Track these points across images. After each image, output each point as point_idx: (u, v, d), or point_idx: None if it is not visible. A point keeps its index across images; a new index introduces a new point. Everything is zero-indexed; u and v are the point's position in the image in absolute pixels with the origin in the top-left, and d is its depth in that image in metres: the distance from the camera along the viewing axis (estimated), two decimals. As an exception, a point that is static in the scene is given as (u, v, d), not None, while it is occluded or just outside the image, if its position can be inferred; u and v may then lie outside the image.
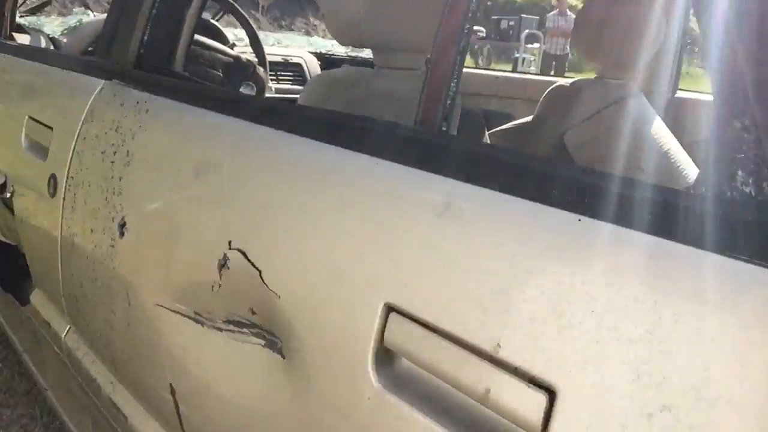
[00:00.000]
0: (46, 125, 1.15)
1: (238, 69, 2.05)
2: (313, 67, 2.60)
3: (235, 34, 3.02)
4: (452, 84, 0.57)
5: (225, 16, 2.56)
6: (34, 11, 2.43)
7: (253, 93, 2.09)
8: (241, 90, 2.01)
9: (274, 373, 0.63)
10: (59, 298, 1.14)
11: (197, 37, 1.94)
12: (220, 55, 1.98)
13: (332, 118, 0.71)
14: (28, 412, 1.63)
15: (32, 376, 1.46)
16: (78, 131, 1.04)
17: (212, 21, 2.29)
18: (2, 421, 1.62)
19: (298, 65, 2.56)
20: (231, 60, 2.00)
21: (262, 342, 0.65)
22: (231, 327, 0.69)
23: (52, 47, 1.95)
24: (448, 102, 0.58)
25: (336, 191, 0.61)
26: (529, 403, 0.42)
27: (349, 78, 1.21)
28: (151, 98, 0.90)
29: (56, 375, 1.28)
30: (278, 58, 2.46)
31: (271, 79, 2.33)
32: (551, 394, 0.41)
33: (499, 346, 0.44)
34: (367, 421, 0.52)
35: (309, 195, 0.63)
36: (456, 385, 0.47)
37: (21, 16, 2.18)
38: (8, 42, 1.66)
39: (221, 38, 2.17)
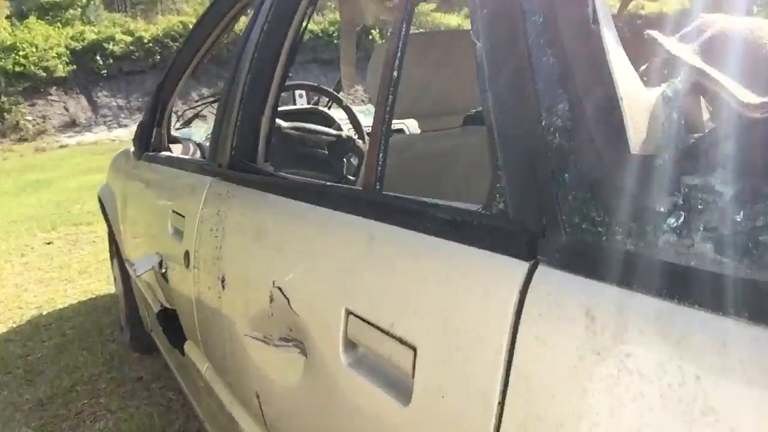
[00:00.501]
0: (180, 215, 1.57)
1: (341, 145, 2.42)
2: (413, 128, 2.91)
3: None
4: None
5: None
6: (185, 124, 3.05)
7: (355, 163, 2.44)
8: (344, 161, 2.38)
9: (304, 367, 0.91)
10: (198, 343, 1.52)
11: (302, 124, 2.36)
12: (323, 136, 2.37)
13: (315, 188, 1.00)
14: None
15: (192, 405, 1.86)
16: (198, 216, 1.43)
17: (321, 108, 2.72)
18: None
19: (401, 130, 2.89)
20: (333, 138, 2.39)
21: (297, 350, 0.94)
22: (281, 343, 0.98)
23: (198, 152, 2.46)
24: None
25: (327, 244, 0.89)
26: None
27: (399, 144, 1.49)
28: (234, 188, 1.27)
29: (203, 406, 1.66)
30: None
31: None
32: (414, 350, 0.65)
33: (392, 326, 0.68)
34: (342, 386, 0.78)
35: (310, 246, 0.92)
36: (380, 358, 0.72)
37: (177, 129, 2.77)
38: (161, 154, 2.18)
39: (328, 120, 2.58)
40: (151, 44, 18.93)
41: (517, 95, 0.60)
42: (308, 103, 2.91)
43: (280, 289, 0.95)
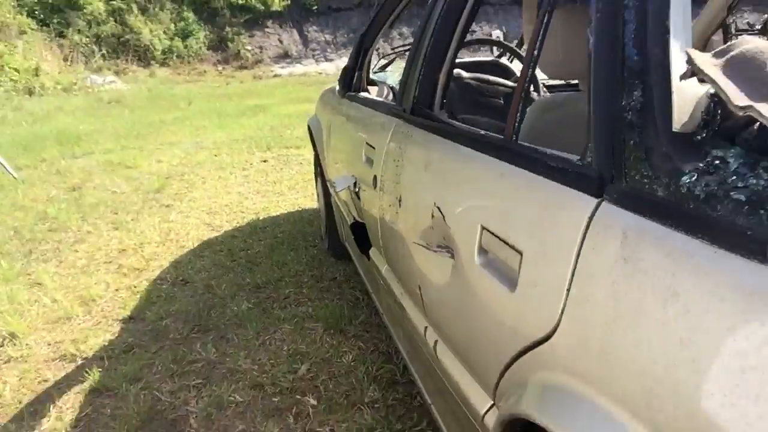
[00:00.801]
0: (372, 146, 1.96)
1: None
2: None
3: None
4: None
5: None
6: (383, 68, 3.44)
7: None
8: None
9: (452, 266, 1.23)
10: (380, 249, 1.92)
11: (482, 75, 2.61)
12: (500, 87, 2.61)
13: (470, 134, 1.28)
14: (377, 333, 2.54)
15: (374, 303, 2.31)
16: (385, 149, 1.80)
17: (501, 60, 2.94)
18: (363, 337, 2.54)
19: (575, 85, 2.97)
20: (509, 90, 2.61)
21: (449, 254, 1.26)
22: (438, 249, 1.31)
23: (391, 95, 2.83)
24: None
25: (474, 178, 1.19)
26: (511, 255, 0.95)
27: (556, 101, 1.71)
28: (414, 129, 1.60)
29: (382, 298, 2.08)
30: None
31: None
32: (521, 254, 0.93)
33: (509, 237, 0.97)
34: (476, 279, 1.10)
35: (461, 178, 1.23)
36: (500, 259, 1.01)
37: (374, 73, 3.16)
38: (360, 95, 2.58)
39: (507, 73, 2.79)
40: (358, -18, 19.73)
41: (609, 81, 0.84)
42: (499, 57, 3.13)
43: (439, 208, 1.28)
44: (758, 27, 3.25)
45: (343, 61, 18.35)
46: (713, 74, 0.67)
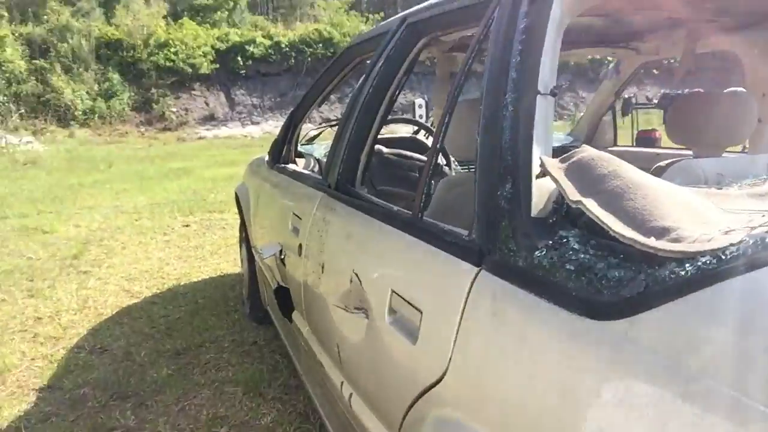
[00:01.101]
0: (298, 216, 2.14)
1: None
2: None
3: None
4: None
5: None
6: (311, 140, 3.67)
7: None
8: None
9: (366, 326, 1.41)
10: (303, 312, 2.07)
11: (400, 151, 2.88)
12: (416, 162, 2.88)
13: (383, 210, 1.49)
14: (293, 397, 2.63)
15: (293, 365, 2.43)
16: (311, 219, 1.98)
17: (418, 137, 3.24)
18: (284, 405, 2.63)
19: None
20: (423, 164, 2.88)
21: (365, 315, 1.44)
22: (355, 310, 1.49)
23: (317, 166, 3.03)
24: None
25: (383, 248, 1.39)
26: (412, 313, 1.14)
27: (460, 179, 1.95)
28: (336, 203, 1.80)
29: (302, 360, 2.21)
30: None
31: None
32: (421, 312, 1.12)
33: (412, 299, 1.17)
34: (385, 336, 1.28)
35: (375, 248, 1.42)
36: (405, 317, 1.20)
37: (302, 145, 3.38)
38: (289, 167, 2.78)
39: (422, 148, 3.08)
40: (287, 49, 20.36)
41: (489, 175, 1.06)
42: (426, 118, 3.47)
43: (356, 274, 1.46)
44: (655, 101, 3.59)
45: (269, 125, 18.80)
46: (557, 175, 0.90)
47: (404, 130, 3.90)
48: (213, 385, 2.79)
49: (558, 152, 1.03)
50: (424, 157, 2.94)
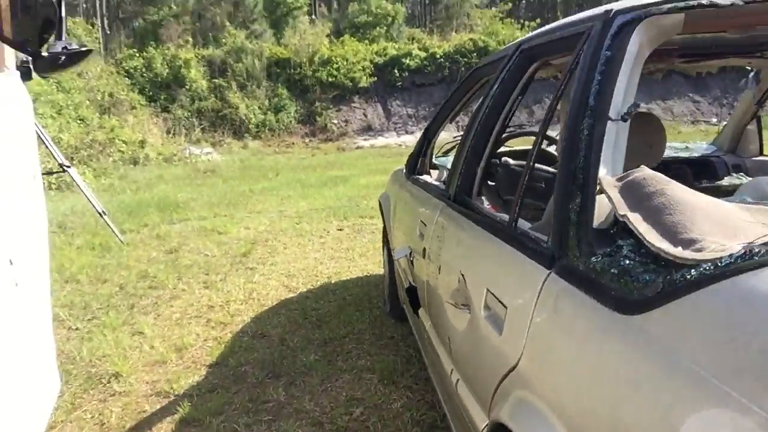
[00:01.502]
0: (424, 223, 2.38)
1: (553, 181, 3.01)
2: None
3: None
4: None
5: None
6: (446, 153, 3.90)
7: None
8: None
9: (469, 320, 1.60)
10: (426, 308, 2.31)
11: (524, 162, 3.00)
12: (542, 173, 2.99)
13: (486, 219, 1.68)
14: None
15: (423, 358, 2.67)
16: (433, 226, 2.21)
17: (547, 149, 3.33)
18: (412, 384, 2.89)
19: None
20: (549, 175, 2.98)
21: (468, 311, 1.64)
22: (461, 307, 1.69)
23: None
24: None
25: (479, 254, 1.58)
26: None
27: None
28: (453, 213, 2.02)
29: (427, 353, 2.44)
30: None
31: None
32: (506, 307, 1.31)
33: (502, 296, 1.35)
34: (483, 328, 1.47)
35: (477, 253, 1.62)
36: (495, 312, 1.39)
37: (437, 157, 3.62)
38: (421, 178, 3.03)
39: (549, 160, 3.18)
40: (442, 59, 20.85)
41: (564, 190, 1.23)
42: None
43: (462, 275, 1.67)
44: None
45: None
46: (611, 192, 1.05)
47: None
48: (353, 371, 3.12)
49: (697, 162, 1.18)
50: (551, 168, 3.04)
